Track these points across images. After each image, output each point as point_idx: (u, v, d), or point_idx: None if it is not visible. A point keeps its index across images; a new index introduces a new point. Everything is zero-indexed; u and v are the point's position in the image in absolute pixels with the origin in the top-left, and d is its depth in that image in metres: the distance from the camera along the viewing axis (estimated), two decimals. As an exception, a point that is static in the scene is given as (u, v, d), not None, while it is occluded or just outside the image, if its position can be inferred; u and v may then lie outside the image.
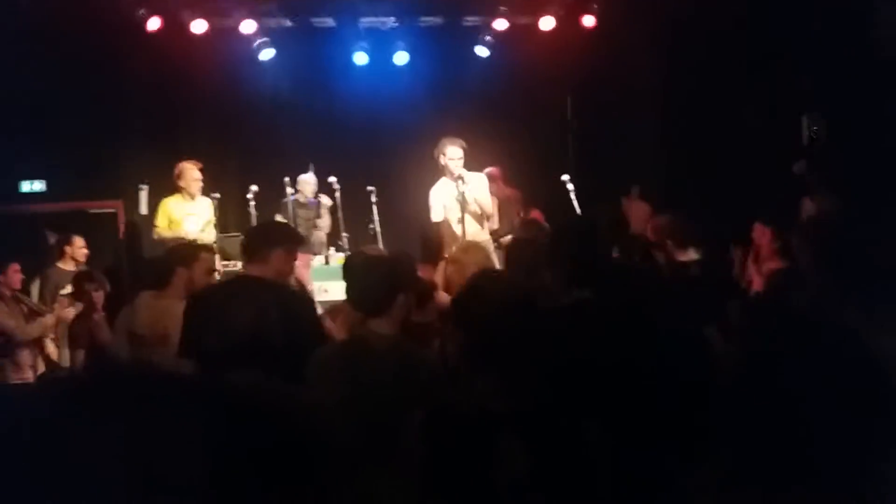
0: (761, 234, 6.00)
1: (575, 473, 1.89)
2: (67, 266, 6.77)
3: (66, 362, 5.83)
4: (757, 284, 5.12)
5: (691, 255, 4.95)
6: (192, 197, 7.36)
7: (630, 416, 2.10)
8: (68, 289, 6.26)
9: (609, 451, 2.05)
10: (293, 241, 3.59)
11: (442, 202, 6.64)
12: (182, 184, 7.34)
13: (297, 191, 7.81)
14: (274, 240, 3.42)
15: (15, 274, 6.24)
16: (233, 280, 4.11)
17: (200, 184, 7.41)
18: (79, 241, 6.84)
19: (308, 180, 7.92)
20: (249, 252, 3.43)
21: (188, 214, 7.33)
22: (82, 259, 6.82)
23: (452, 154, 6.68)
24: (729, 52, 6.76)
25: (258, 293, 3.23)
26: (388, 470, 1.94)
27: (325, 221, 7.91)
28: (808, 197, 5.54)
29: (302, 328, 3.22)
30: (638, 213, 6.32)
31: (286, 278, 3.58)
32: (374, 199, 7.58)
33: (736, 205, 6.69)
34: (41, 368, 6.11)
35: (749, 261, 5.57)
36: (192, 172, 7.35)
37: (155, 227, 7.25)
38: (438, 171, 6.84)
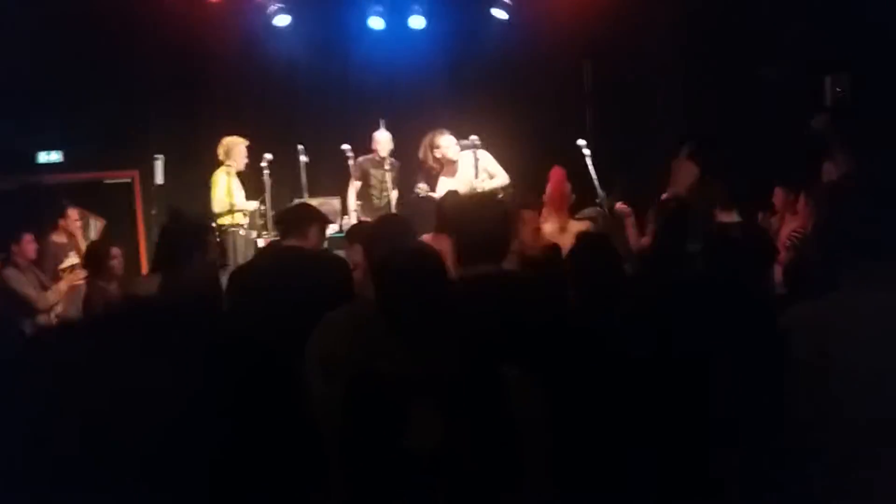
0: (784, 199, 5.92)
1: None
2: (61, 238, 6.77)
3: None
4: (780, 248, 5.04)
5: (734, 216, 5.24)
6: (239, 171, 7.41)
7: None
8: (66, 262, 6.33)
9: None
10: (326, 219, 4.18)
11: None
12: (230, 161, 7.36)
13: (372, 150, 7.62)
14: (312, 217, 3.90)
15: (29, 244, 6.29)
16: (277, 251, 4.38)
17: (246, 159, 7.42)
18: (73, 214, 6.82)
19: (383, 138, 7.61)
20: (289, 227, 3.83)
21: (239, 189, 7.39)
22: (77, 232, 6.79)
23: (447, 142, 6.80)
24: (750, 13, 6.53)
25: (302, 262, 3.61)
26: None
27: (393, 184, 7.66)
28: (830, 160, 5.37)
29: (342, 290, 3.38)
30: (686, 174, 6.15)
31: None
32: (387, 166, 7.52)
33: (760, 168, 6.55)
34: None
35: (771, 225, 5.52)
36: (239, 148, 7.39)
37: (214, 199, 7.27)
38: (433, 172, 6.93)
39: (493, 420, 1.89)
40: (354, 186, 7.59)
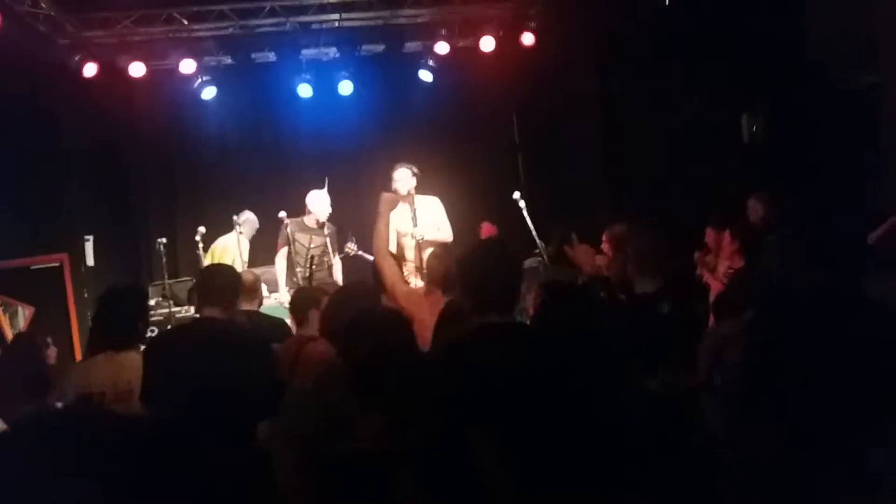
0: (716, 238, 6.01)
1: None
2: None
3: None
4: (715, 287, 5.13)
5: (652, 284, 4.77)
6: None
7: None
8: None
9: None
10: (240, 285, 3.71)
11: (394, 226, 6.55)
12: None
13: (308, 212, 7.21)
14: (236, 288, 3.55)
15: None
16: (190, 323, 4.06)
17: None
18: None
19: (324, 200, 7.17)
20: (203, 295, 3.51)
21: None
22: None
23: (399, 175, 6.68)
24: (663, 56, 6.84)
25: (216, 336, 3.30)
26: None
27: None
28: (753, 197, 5.60)
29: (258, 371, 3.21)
30: (585, 254, 6.03)
31: None
32: (327, 231, 7.49)
33: (682, 209, 6.70)
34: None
35: (700, 266, 5.57)
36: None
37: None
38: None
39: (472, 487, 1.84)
40: (283, 254, 7.20)
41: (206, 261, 7.03)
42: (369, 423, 1.98)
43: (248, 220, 7.66)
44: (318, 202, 7.26)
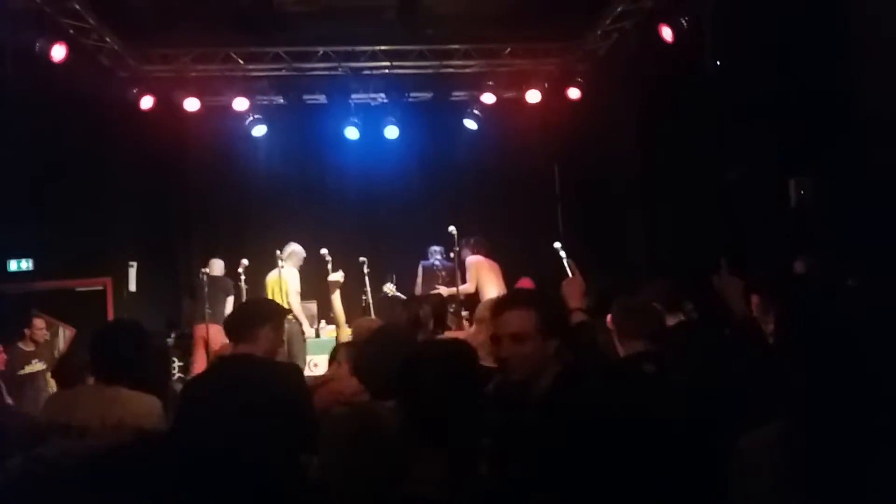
0: (758, 304, 5.90)
1: None
2: (28, 347, 6.87)
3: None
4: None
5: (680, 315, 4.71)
6: None
7: None
8: (27, 369, 6.36)
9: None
10: (278, 317, 3.54)
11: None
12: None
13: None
14: (261, 316, 3.38)
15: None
16: (224, 361, 3.96)
17: None
18: (38, 323, 6.99)
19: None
20: (237, 331, 3.36)
21: None
22: (41, 340, 6.98)
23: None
24: (709, 116, 6.89)
25: (247, 373, 3.19)
26: None
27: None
28: (800, 260, 5.55)
29: (293, 404, 3.15)
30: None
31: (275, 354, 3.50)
32: (366, 269, 7.55)
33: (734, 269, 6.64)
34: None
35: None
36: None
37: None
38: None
39: None
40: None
41: (268, 293, 7.32)
42: (430, 469, 1.85)
43: (292, 253, 7.71)
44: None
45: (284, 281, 7.36)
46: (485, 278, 7.22)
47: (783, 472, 1.75)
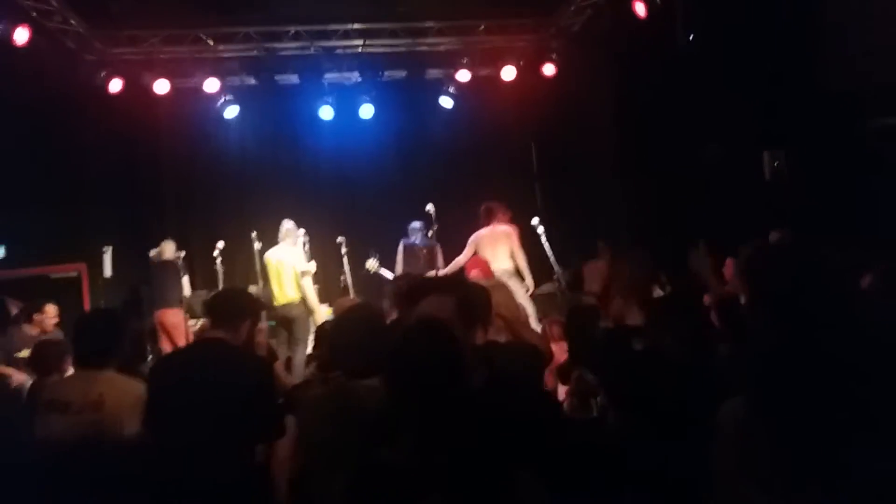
0: (733, 268, 5.99)
1: None
2: (33, 331, 6.63)
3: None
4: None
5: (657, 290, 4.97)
6: None
7: None
8: (24, 352, 6.13)
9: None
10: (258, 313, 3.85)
11: None
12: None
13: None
14: (245, 310, 3.47)
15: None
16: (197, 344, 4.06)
17: None
18: (51, 310, 6.67)
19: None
20: (219, 317, 3.40)
21: None
22: (50, 329, 6.69)
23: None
24: (683, 90, 6.91)
25: (220, 357, 3.25)
26: None
27: None
28: (776, 231, 5.61)
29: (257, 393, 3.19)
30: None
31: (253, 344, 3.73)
32: (343, 250, 7.53)
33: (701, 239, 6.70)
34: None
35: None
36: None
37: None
38: None
39: None
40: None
41: (270, 273, 7.20)
42: (405, 439, 1.91)
43: (288, 231, 7.38)
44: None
45: (287, 263, 7.13)
46: (484, 251, 7.01)
47: (751, 442, 1.73)
